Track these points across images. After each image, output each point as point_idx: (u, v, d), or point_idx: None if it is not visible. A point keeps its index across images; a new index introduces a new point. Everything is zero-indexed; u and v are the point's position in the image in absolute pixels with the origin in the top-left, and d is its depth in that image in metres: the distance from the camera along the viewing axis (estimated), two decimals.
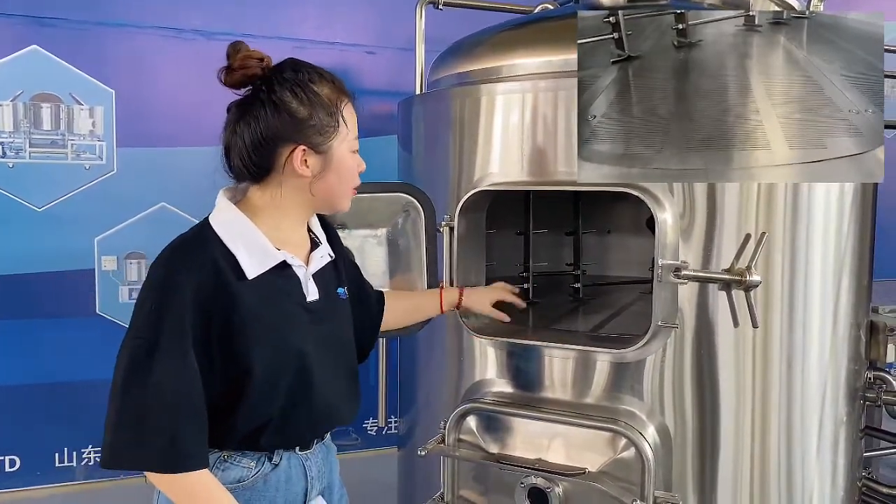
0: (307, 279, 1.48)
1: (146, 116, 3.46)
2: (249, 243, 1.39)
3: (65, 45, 3.34)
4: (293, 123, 1.39)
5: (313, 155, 1.42)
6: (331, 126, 1.43)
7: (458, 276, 2.03)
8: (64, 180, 3.37)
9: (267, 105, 1.39)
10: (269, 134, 1.39)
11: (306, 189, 1.45)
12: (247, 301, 1.36)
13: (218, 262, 1.35)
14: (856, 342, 2.05)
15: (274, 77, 1.41)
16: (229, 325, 1.35)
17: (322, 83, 1.43)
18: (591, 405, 1.91)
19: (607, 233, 3.12)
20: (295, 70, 1.42)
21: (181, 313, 1.30)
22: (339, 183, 1.48)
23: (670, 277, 1.76)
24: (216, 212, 1.44)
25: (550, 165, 1.94)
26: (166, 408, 1.29)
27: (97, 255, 3.45)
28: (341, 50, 3.69)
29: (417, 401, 2.42)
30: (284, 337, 1.42)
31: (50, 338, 3.41)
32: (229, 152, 1.44)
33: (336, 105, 1.44)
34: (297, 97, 1.40)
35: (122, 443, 1.31)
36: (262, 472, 1.44)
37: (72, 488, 3.50)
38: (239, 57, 1.41)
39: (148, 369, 1.29)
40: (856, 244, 1.99)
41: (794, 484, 1.93)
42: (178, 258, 1.36)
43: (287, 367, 1.42)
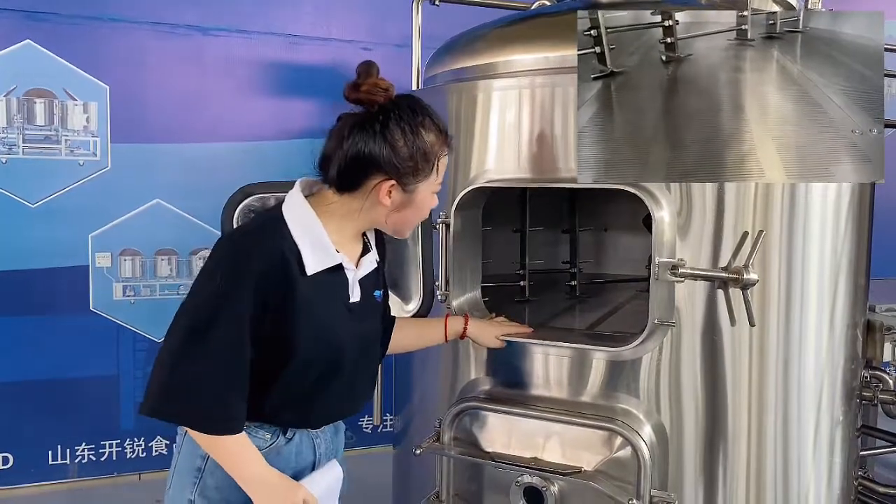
0: (355, 282, 1.58)
1: (141, 112, 3.46)
2: (315, 242, 1.50)
3: (59, 40, 3.33)
4: (393, 159, 1.48)
5: (400, 191, 1.51)
6: (425, 171, 1.52)
7: (454, 274, 2.02)
8: (58, 176, 3.37)
9: (378, 134, 1.47)
10: (369, 159, 1.48)
11: (382, 215, 1.55)
12: (302, 293, 1.47)
13: (285, 254, 1.45)
14: (852, 341, 2.04)
15: (392, 110, 1.49)
16: (282, 313, 1.45)
17: (431, 129, 1.52)
18: (587, 404, 1.90)
19: (604, 230, 3.11)
20: (412, 109, 1.51)
21: (244, 293, 1.41)
22: (412, 218, 1.59)
23: (667, 275, 1.75)
24: (290, 204, 1.52)
25: (547, 162, 1.93)
26: (221, 374, 1.42)
27: (91, 251, 3.44)
28: (337, 46, 3.68)
29: (412, 399, 2.41)
30: (327, 331, 1.53)
31: (43, 335, 3.41)
32: (328, 160, 1.51)
33: (436, 153, 1.53)
34: (405, 137, 1.48)
35: (172, 399, 1.43)
36: (277, 445, 1.56)
37: (65, 486, 3.50)
38: (369, 82, 1.48)
39: (210, 333, 1.40)
40: (853, 242, 1.99)
41: (791, 483, 1.92)
42: (251, 242, 1.47)
43: (322, 358, 1.54)
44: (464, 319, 1.95)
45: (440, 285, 2.04)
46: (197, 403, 1.43)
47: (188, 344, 1.42)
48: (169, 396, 1.43)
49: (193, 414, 1.45)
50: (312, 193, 1.57)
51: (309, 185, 1.58)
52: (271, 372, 1.49)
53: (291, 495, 1.51)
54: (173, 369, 1.42)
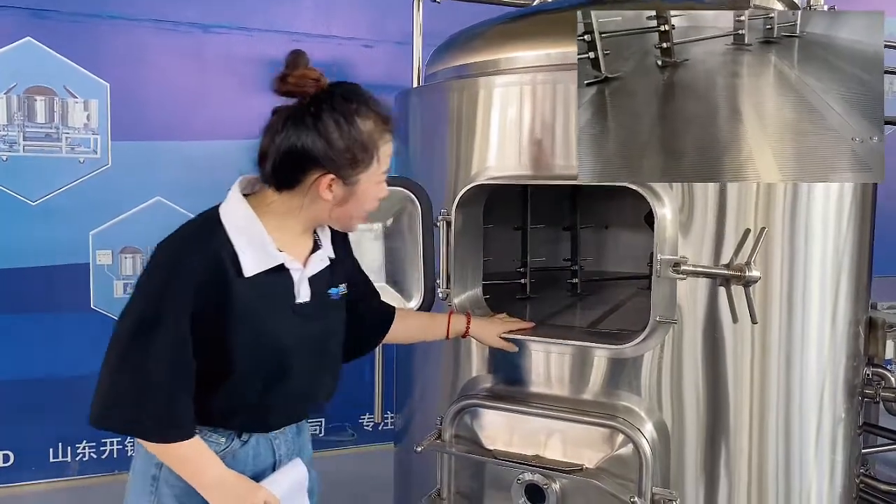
0: (301, 282, 1.51)
1: (141, 110, 3.45)
2: (253, 241, 1.44)
3: (59, 37, 3.33)
4: (329, 152, 1.41)
5: (340, 184, 1.45)
6: (364, 161, 1.45)
7: (455, 271, 2.02)
8: (58, 174, 3.36)
9: (310, 127, 1.41)
10: (304, 154, 1.41)
11: (325, 210, 1.49)
12: (240, 297, 1.41)
13: (220, 254, 1.40)
14: (854, 339, 2.04)
15: (325, 100, 1.42)
16: (220, 316, 1.40)
17: (368, 117, 1.45)
18: (588, 401, 1.90)
19: (605, 228, 3.11)
20: (346, 98, 1.44)
21: (183, 295, 1.37)
22: (357, 211, 1.53)
23: (669, 272, 1.74)
24: (227, 203, 1.47)
25: (548, 159, 1.93)
26: (164, 381, 1.37)
27: (92, 249, 3.44)
28: (338, 44, 3.68)
29: (413, 396, 2.41)
30: (269, 334, 1.47)
31: (44, 332, 3.40)
32: (264, 156, 1.45)
33: (375, 142, 1.46)
34: (339, 128, 1.41)
35: (117, 408, 1.39)
36: (231, 449, 1.51)
37: (66, 483, 3.50)
38: (297, 73, 1.42)
39: (150, 339, 1.36)
40: (855, 240, 1.98)
41: (792, 481, 1.92)
42: (185, 244, 1.42)
43: (266, 361, 1.48)
44: (466, 318, 1.94)
45: (441, 283, 2.04)
46: (141, 411, 1.38)
47: (128, 350, 1.37)
48: (112, 405, 1.38)
49: (138, 422, 1.39)
50: (254, 192, 1.51)
51: (250, 182, 1.52)
52: (218, 377, 1.44)
53: (251, 497, 1.46)
54: (115, 377, 1.38)
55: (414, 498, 2.05)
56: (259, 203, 1.48)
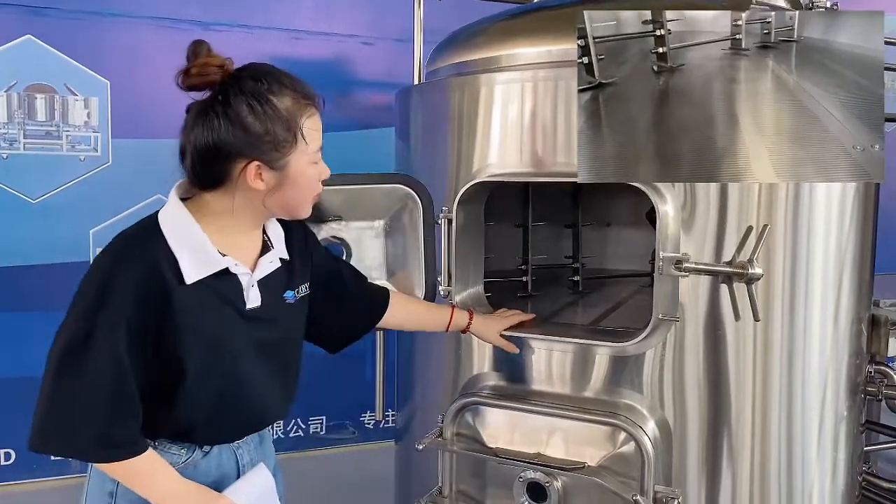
0: (250, 286, 1.44)
1: (141, 107, 3.44)
2: (193, 247, 1.36)
3: (59, 35, 3.32)
4: (247, 138, 1.34)
5: (268, 170, 1.37)
6: (288, 141, 1.37)
7: (457, 269, 2.01)
8: (59, 172, 3.35)
9: (221, 116, 1.33)
10: (222, 147, 1.34)
11: (259, 200, 1.41)
12: (183, 305, 1.34)
13: (158, 262, 1.33)
14: (857, 336, 2.03)
15: (232, 86, 1.35)
16: (164, 327, 1.34)
17: (283, 94, 1.37)
18: (590, 399, 1.89)
19: (607, 225, 3.10)
20: (255, 79, 1.36)
21: (119, 306, 1.29)
22: (295, 196, 1.44)
23: (671, 270, 1.74)
24: (166, 208, 1.40)
25: (550, 157, 1.92)
26: (98, 398, 1.30)
27: (92, 247, 3.43)
28: (338, 41, 3.67)
29: (415, 394, 2.40)
30: (217, 343, 1.40)
31: (45, 331, 3.39)
32: (183, 156, 1.39)
33: (296, 119, 1.38)
34: (252, 111, 1.33)
35: (53, 428, 1.32)
36: (193, 460, 1.46)
37: (67, 482, 3.49)
38: (198, 62, 1.36)
39: (82, 358, 1.29)
40: (857, 237, 1.97)
41: (795, 478, 1.91)
42: (122, 254, 1.35)
43: (218, 371, 1.42)
44: (469, 314, 1.92)
45: (443, 280, 2.03)
46: (76, 434, 1.31)
47: (62, 368, 1.30)
48: (48, 429, 1.32)
49: (74, 445, 1.33)
50: (193, 196, 1.43)
51: (188, 186, 1.44)
52: (171, 389, 1.38)
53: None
54: (51, 397, 1.31)
55: (415, 496, 2.04)
56: (198, 206, 1.41)
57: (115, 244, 1.37)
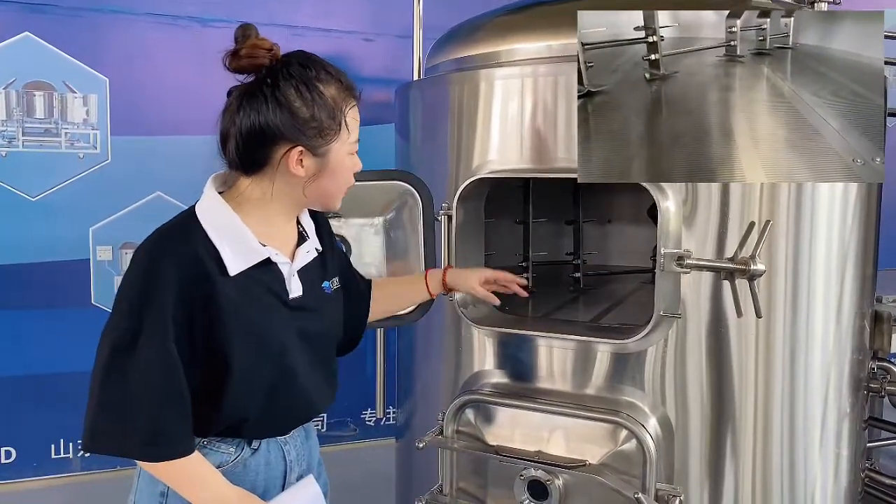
0: (291, 276, 1.45)
1: (141, 104, 3.43)
2: (234, 238, 1.36)
3: (58, 32, 3.31)
4: (293, 123, 1.35)
5: (310, 157, 1.38)
6: (332, 129, 1.38)
7: (457, 266, 2.00)
8: (58, 169, 3.35)
9: (269, 99, 1.34)
10: (267, 129, 1.35)
11: (299, 188, 1.41)
12: (228, 296, 1.34)
13: (201, 255, 1.32)
14: (859, 332, 2.02)
15: (280, 70, 1.36)
16: (210, 319, 1.33)
17: (329, 82, 1.38)
18: (591, 396, 1.88)
19: (608, 222, 3.09)
20: (303, 65, 1.37)
21: (164, 304, 1.29)
22: (333, 185, 1.45)
23: (673, 266, 1.73)
24: (203, 201, 1.40)
25: (550, 152, 1.91)
26: (148, 397, 1.30)
27: (92, 244, 3.43)
28: (338, 37, 3.66)
29: (415, 392, 2.40)
30: (264, 333, 1.40)
31: (45, 329, 3.39)
32: (226, 139, 1.39)
33: (340, 108, 1.39)
34: (301, 96, 1.35)
35: (105, 429, 1.31)
36: (242, 458, 1.45)
37: (68, 479, 3.50)
38: (248, 44, 1.35)
39: (130, 358, 1.28)
40: (860, 233, 1.96)
41: (797, 475, 1.91)
42: (162, 248, 1.34)
43: (267, 363, 1.41)
44: (443, 270, 1.85)
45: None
46: (131, 431, 1.30)
47: (111, 368, 1.29)
48: (102, 428, 1.31)
49: (130, 443, 1.32)
50: (229, 187, 1.43)
51: (223, 178, 1.44)
52: (220, 384, 1.37)
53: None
54: (101, 397, 1.30)
55: (416, 493, 2.03)
56: (234, 197, 1.41)
57: (153, 240, 1.36)
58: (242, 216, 1.39)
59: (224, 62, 1.37)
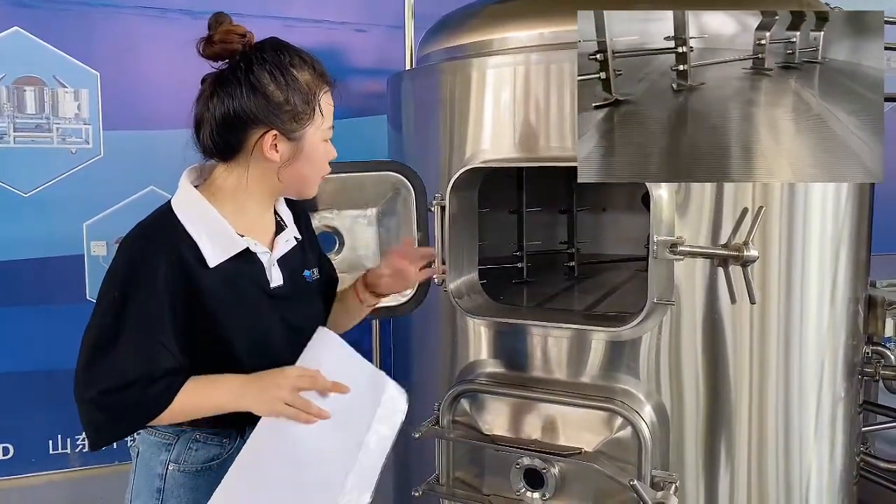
0: (271, 265, 1.45)
1: (132, 98, 3.41)
2: (212, 230, 1.37)
3: (47, 26, 3.28)
4: (267, 107, 1.35)
5: (285, 141, 1.39)
6: (306, 113, 1.39)
7: (450, 256, 2.00)
8: (50, 165, 3.32)
9: (243, 84, 1.35)
10: (241, 114, 1.35)
11: (274, 174, 1.41)
12: (209, 289, 1.35)
13: (180, 249, 1.33)
14: (854, 317, 2.02)
15: (254, 55, 1.37)
16: (193, 313, 1.34)
17: (303, 68, 1.40)
18: (586, 385, 1.88)
19: (602, 210, 3.09)
20: (276, 51, 1.38)
21: (146, 300, 1.30)
22: (308, 170, 1.45)
23: (666, 253, 1.72)
24: (178, 194, 1.41)
25: (543, 141, 1.91)
26: (131, 383, 1.30)
27: (86, 240, 3.41)
28: (330, 28, 3.63)
29: (411, 382, 2.39)
30: (248, 323, 1.40)
31: (41, 325, 3.38)
32: (200, 126, 1.40)
33: (314, 92, 1.40)
34: (274, 80, 1.36)
35: (105, 425, 1.33)
36: (236, 448, 1.45)
37: (67, 475, 3.49)
38: (221, 30, 1.38)
39: (110, 356, 1.29)
40: (853, 218, 1.97)
41: (792, 460, 1.91)
42: (141, 245, 1.35)
43: (253, 351, 1.41)
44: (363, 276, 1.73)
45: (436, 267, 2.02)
46: (129, 413, 1.32)
47: (94, 365, 1.30)
48: (100, 422, 1.32)
49: (131, 424, 1.35)
50: (205, 179, 1.44)
51: (197, 171, 1.45)
52: (207, 374, 1.37)
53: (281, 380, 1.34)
54: (90, 397, 1.30)
55: (413, 484, 2.04)
56: (211, 189, 1.41)
57: (132, 238, 1.37)
58: (218, 207, 1.39)
59: (198, 48, 1.39)
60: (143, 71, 3.40)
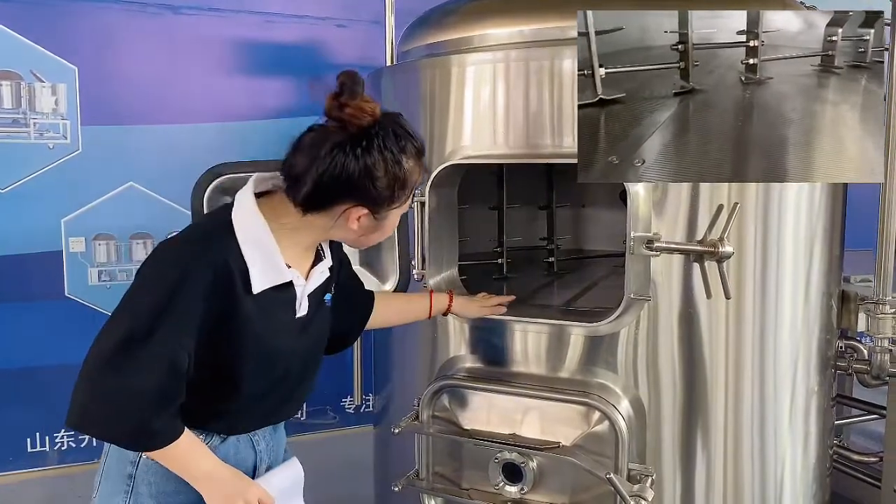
0: (303, 297, 1.48)
1: (111, 93, 3.38)
2: (265, 257, 1.39)
3: (24, 20, 3.25)
4: (371, 193, 1.37)
5: (370, 217, 1.42)
6: (400, 199, 1.42)
7: (430, 252, 2.01)
8: (27, 160, 3.29)
9: (358, 162, 1.34)
10: (343, 186, 1.35)
11: (345, 236, 1.47)
12: (248, 313, 1.37)
13: (230, 267, 1.35)
14: (827, 311, 2.06)
15: (377, 135, 1.35)
16: (223, 328, 1.36)
17: (411, 157, 1.40)
18: (564, 379, 1.90)
19: (581, 207, 3.11)
20: (396, 135, 1.38)
21: (185, 310, 1.31)
22: (376, 239, 1.50)
23: (642, 250, 1.75)
24: (239, 210, 1.40)
25: (523, 138, 1.92)
26: (147, 396, 1.31)
27: (64, 236, 3.38)
28: (311, 24, 3.62)
29: (392, 378, 2.40)
30: (271, 348, 1.44)
31: (19, 322, 3.35)
32: (298, 178, 1.36)
33: (414, 182, 1.43)
34: (385, 168, 1.36)
35: (96, 413, 1.31)
36: (212, 445, 1.47)
37: (45, 473, 3.46)
38: (354, 104, 1.33)
39: (139, 353, 1.29)
40: (828, 214, 1.99)
41: (767, 452, 1.94)
42: (195, 250, 1.36)
43: (264, 374, 1.45)
44: (448, 296, 1.92)
45: (416, 264, 2.03)
46: (124, 421, 1.31)
47: (121, 355, 1.29)
48: (94, 412, 1.31)
49: (120, 432, 1.34)
50: (267, 192, 1.45)
51: (265, 182, 1.45)
52: (211, 383, 1.40)
53: (246, 493, 1.42)
54: (102, 381, 1.30)
55: (393, 479, 2.05)
56: (274, 209, 1.42)
57: (187, 241, 1.39)
58: (276, 236, 1.40)
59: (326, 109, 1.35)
60: (122, 65, 3.38)
